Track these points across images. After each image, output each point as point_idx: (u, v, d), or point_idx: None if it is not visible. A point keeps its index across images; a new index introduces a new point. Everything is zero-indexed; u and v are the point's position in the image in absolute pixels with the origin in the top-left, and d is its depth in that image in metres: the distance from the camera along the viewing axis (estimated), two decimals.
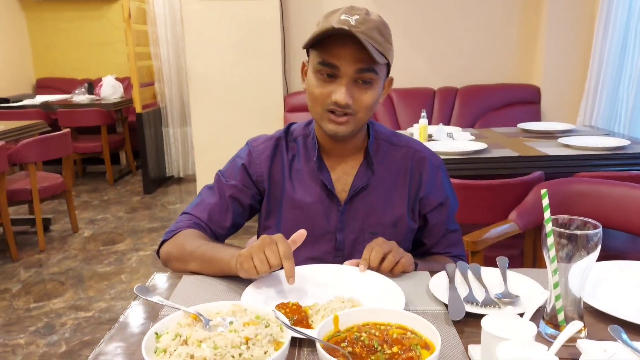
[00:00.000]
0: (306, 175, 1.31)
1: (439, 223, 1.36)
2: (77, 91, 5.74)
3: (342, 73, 1.15)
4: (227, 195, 1.31)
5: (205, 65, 4.19)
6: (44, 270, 3.53)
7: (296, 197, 1.30)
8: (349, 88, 1.16)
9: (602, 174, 2.30)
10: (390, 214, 1.31)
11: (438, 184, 1.34)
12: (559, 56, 4.14)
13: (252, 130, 4.24)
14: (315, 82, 1.19)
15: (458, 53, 4.36)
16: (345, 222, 1.29)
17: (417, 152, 1.34)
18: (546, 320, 0.94)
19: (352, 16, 1.14)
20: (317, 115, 1.23)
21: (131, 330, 0.97)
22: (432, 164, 1.34)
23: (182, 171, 5.67)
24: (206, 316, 0.87)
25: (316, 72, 1.18)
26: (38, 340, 2.70)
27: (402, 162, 1.32)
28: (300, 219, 1.29)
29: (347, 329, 0.87)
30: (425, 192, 1.32)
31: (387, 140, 1.34)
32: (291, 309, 0.95)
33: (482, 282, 1.12)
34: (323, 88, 1.18)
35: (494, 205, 2.24)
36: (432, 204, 1.33)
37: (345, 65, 1.14)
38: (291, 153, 1.33)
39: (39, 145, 3.68)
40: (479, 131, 3.22)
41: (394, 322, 0.88)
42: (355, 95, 1.17)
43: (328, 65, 1.15)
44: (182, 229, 1.28)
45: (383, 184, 1.30)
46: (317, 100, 1.20)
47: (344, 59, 1.14)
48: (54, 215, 4.59)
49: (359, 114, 1.20)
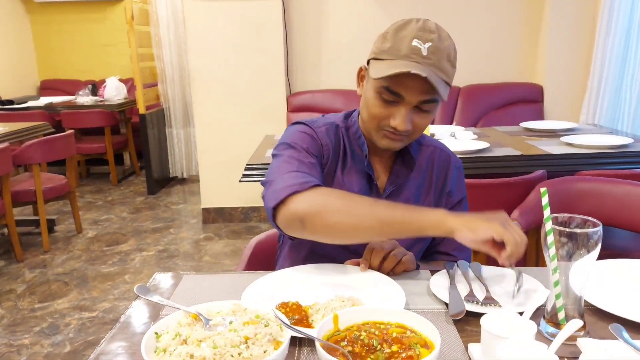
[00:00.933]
0: (353, 166, 1.31)
1: None
2: (81, 92, 5.76)
3: (406, 102, 1.15)
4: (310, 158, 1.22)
5: (207, 66, 4.20)
6: (49, 271, 3.54)
7: (345, 186, 1.28)
8: (410, 115, 1.17)
9: (605, 172, 2.30)
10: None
11: (459, 183, 1.39)
12: (562, 55, 4.13)
13: (255, 130, 4.27)
14: (376, 101, 1.18)
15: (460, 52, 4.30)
16: None
17: (442, 152, 1.39)
18: (546, 318, 0.93)
19: (425, 43, 1.12)
20: (371, 129, 1.23)
21: (132, 329, 0.98)
22: (455, 164, 1.39)
23: (185, 172, 5.68)
24: (206, 316, 0.87)
25: (378, 92, 1.16)
26: (42, 340, 2.71)
27: (430, 161, 1.36)
28: None
29: (346, 328, 0.88)
30: (450, 187, 1.37)
31: (416, 140, 1.35)
32: (291, 309, 0.96)
33: (483, 281, 1.11)
34: (383, 109, 1.18)
35: (496, 204, 2.23)
36: (453, 200, 1.37)
37: (410, 96, 1.14)
38: (341, 142, 1.32)
39: (42, 146, 3.70)
40: (481, 130, 3.21)
41: (393, 321, 0.88)
42: (413, 120, 1.18)
43: (393, 93, 1.15)
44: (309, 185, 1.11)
45: (414, 180, 1.34)
46: (375, 119, 1.19)
47: (410, 90, 1.13)
48: (58, 216, 4.61)
49: (415, 134, 1.22)
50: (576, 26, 4.07)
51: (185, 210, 4.79)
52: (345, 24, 4.27)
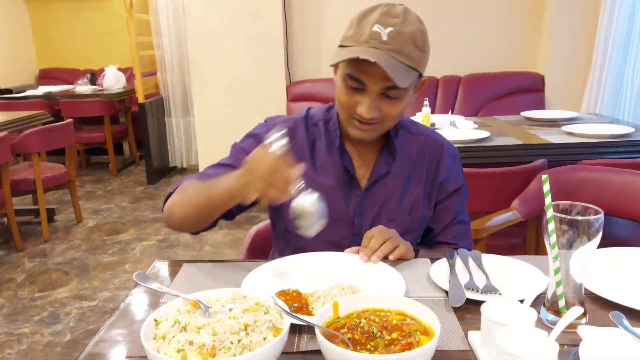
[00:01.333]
0: (328, 160, 1.30)
1: (449, 208, 1.36)
2: (80, 81, 5.74)
3: (369, 89, 1.14)
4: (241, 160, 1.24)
5: (207, 55, 4.18)
6: (49, 260, 3.54)
7: (319, 180, 1.28)
8: (375, 102, 1.15)
9: (606, 161, 2.29)
10: (408, 201, 1.31)
11: (455, 172, 1.35)
12: (563, 44, 4.11)
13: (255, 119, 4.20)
14: (343, 89, 1.17)
15: (461, 41, 4.33)
16: (364, 207, 1.30)
17: (435, 141, 1.35)
18: (547, 306, 0.93)
19: (386, 28, 1.10)
20: (343, 118, 1.23)
21: (132, 317, 0.98)
22: (449, 152, 1.35)
23: (185, 161, 5.67)
24: (205, 303, 0.87)
25: (344, 80, 1.16)
26: (43, 329, 2.72)
27: (421, 150, 1.33)
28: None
29: (346, 315, 0.87)
30: (443, 177, 1.33)
31: (406, 128, 1.34)
32: (291, 296, 0.95)
33: (483, 269, 1.11)
34: (350, 96, 1.17)
35: (497, 193, 2.23)
36: (448, 190, 1.34)
37: (371, 83, 1.13)
38: (312, 137, 1.32)
39: (42, 135, 3.69)
40: (482, 119, 3.20)
41: (393, 308, 0.88)
42: (382, 107, 1.16)
43: (355, 80, 1.14)
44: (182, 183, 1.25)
45: (402, 171, 1.31)
46: (344, 106, 1.19)
47: (371, 77, 1.12)
48: (58, 205, 4.61)
49: (386, 122, 1.20)
50: (578, 15, 4.04)
51: None
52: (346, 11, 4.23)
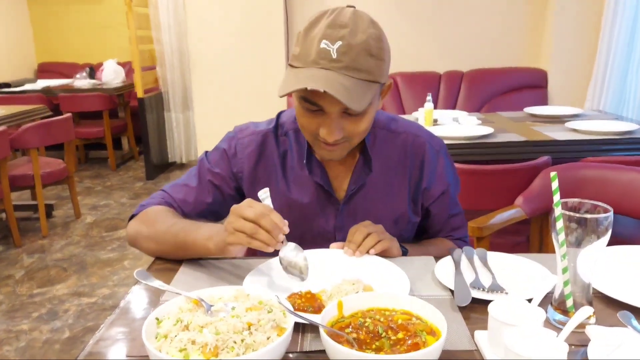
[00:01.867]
0: (301, 174, 1.22)
1: (441, 211, 1.31)
2: (79, 76, 5.71)
3: (327, 111, 1.04)
4: (206, 180, 1.24)
5: (207, 50, 4.16)
6: (47, 257, 3.53)
7: (292, 197, 1.22)
8: (337, 123, 1.05)
9: (611, 158, 2.27)
10: (391, 210, 1.25)
11: (439, 171, 1.26)
12: (567, 39, 4.08)
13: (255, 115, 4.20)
14: (301, 111, 1.08)
15: (464, 36, 4.31)
16: (344, 221, 1.23)
17: (416, 138, 1.25)
18: (554, 306, 0.92)
19: (334, 43, 0.98)
20: (308, 139, 1.15)
21: (132, 315, 0.96)
22: (432, 148, 1.26)
23: (184, 157, 5.64)
24: (208, 301, 0.85)
25: (300, 102, 1.07)
26: (41, 326, 2.70)
27: (402, 150, 1.24)
28: (297, 220, 1.19)
29: (351, 314, 0.86)
30: (427, 183, 1.25)
31: (384, 127, 1.25)
32: (305, 298, 0.93)
33: (489, 267, 1.09)
34: (309, 119, 1.07)
35: (500, 190, 2.21)
36: (434, 194, 1.27)
37: (328, 106, 1.02)
38: (282, 148, 1.24)
39: (40, 130, 3.66)
40: (485, 115, 3.18)
41: (398, 307, 0.87)
42: (345, 126, 1.06)
43: (311, 103, 1.04)
44: (153, 205, 1.21)
45: (382, 177, 1.23)
46: (305, 130, 1.11)
47: (327, 100, 1.01)
48: (57, 201, 4.58)
49: (353, 140, 1.11)
50: (582, 11, 4.02)
51: None
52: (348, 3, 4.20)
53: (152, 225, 1.15)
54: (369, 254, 1.12)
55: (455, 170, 1.33)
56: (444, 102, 4.14)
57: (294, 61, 1.05)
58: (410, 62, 4.23)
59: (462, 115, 3.02)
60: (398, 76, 4.23)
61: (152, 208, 1.20)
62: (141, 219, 1.19)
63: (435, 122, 2.86)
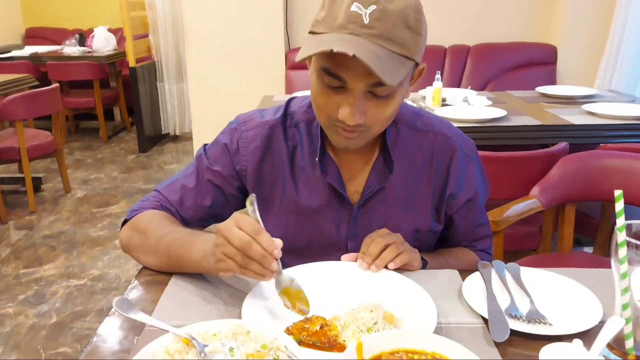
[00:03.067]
0: (312, 175, 1.07)
1: (466, 220, 1.16)
2: (68, 42, 5.47)
3: (351, 87, 0.88)
4: (205, 179, 1.08)
5: (202, 17, 3.93)
6: (35, 234, 3.38)
7: (301, 201, 1.07)
8: (360, 103, 0.90)
9: (631, 146, 2.13)
10: (412, 219, 1.10)
11: (468, 177, 1.11)
12: (579, 14, 3.88)
13: (251, 88, 4.05)
14: (319, 88, 0.92)
15: (471, 8, 4.09)
16: (358, 228, 1.08)
17: (447, 140, 1.09)
18: (610, 345, 0.78)
19: (368, 7, 0.84)
20: (322, 124, 0.99)
21: (110, 346, 0.82)
22: (463, 153, 1.09)
23: (178, 129, 5.46)
24: (201, 340, 0.71)
25: (319, 77, 0.91)
26: (27, 310, 2.58)
27: (428, 152, 1.08)
28: (305, 226, 1.08)
29: (373, 357, 0.72)
30: (453, 190, 1.09)
31: (409, 124, 1.08)
32: (315, 333, 0.79)
33: (523, 286, 0.96)
34: (329, 97, 0.91)
35: (515, 179, 2.07)
36: (460, 202, 1.12)
37: (353, 80, 0.87)
38: (291, 144, 1.08)
39: (26, 101, 3.47)
40: (495, 95, 3.02)
41: (429, 350, 0.73)
42: (368, 109, 0.91)
43: (333, 76, 0.88)
44: (146, 209, 1.07)
45: (403, 181, 1.08)
46: (322, 111, 0.94)
47: (352, 72, 0.86)
48: (46, 174, 4.42)
49: (375, 127, 0.95)
50: None
51: (178, 171, 4.59)
52: None
53: (144, 234, 1.01)
54: (387, 269, 0.98)
55: (485, 176, 1.17)
56: (449, 77, 3.96)
57: (317, 27, 0.90)
58: None
59: (472, 95, 2.85)
60: None
61: (146, 213, 1.05)
62: (133, 226, 1.05)
63: (444, 102, 2.69)
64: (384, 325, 0.83)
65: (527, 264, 1.06)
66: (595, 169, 1.95)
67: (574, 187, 1.94)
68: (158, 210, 1.07)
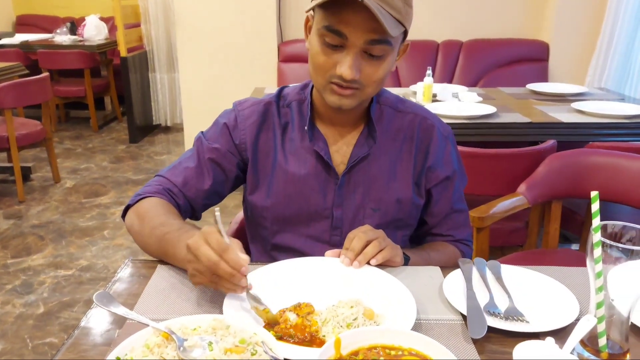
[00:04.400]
0: (301, 146, 1.16)
1: (444, 199, 1.22)
2: (59, 31, 5.42)
3: (350, 43, 0.99)
4: (206, 158, 1.16)
5: (193, 6, 3.91)
6: (23, 223, 3.37)
7: (289, 169, 1.16)
8: (357, 60, 1.00)
9: (619, 145, 2.14)
10: (394, 189, 1.17)
11: (446, 155, 1.20)
12: (571, 11, 3.89)
13: (243, 79, 4.03)
14: (319, 48, 1.02)
15: (464, 3, 4.09)
16: (343, 197, 1.16)
17: (425, 120, 1.20)
18: (584, 342, 0.80)
19: None
20: (319, 85, 1.07)
21: (92, 339, 0.82)
22: (440, 133, 1.20)
23: (169, 119, 5.43)
24: (180, 334, 0.71)
25: (320, 36, 1.01)
26: (15, 299, 2.57)
27: (408, 130, 1.18)
28: (293, 195, 1.16)
29: (350, 353, 0.73)
30: (432, 162, 1.18)
31: (391, 106, 1.20)
32: (295, 327, 0.80)
33: (503, 284, 0.97)
34: (327, 56, 1.02)
35: (503, 175, 2.09)
36: (438, 177, 1.19)
37: (354, 35, 0.98)
38: (284, 120, 1.19)
39: (15, 90, 3.44)
40: (486, 91, 3.03)
41: (405, 345, 0.74)
42: (363, 68, 1.02)
43: (335, 33, 0.98)
44: (149, 194, 1.12)
45: (386, 154, 1.16)
46: (320, 69, 1.04)
47: (353, 27, 0.97)
48: (35, 163, 4.39)
49: (367, 88, 1.05)
50: None
51: (169, 161, 4.58)
52: None
53: (142, 221, 1.06)
54: (369, 264, 0.99)
55: (462, 163, 1.24)
56: (441, 73, 3.97)
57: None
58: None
59: (462, 91, 2.86)
60: None
61: (147, 200, 1.11)
62: (135, 211, 1.10)
63: (434, 98, 2.70)
64: (364, 321, 0.84)
65: (512, 260, 1.08)
66: (581, 167, 1.97)
67: (560, 184, 1.95)
68: (158, 198, 1.11)
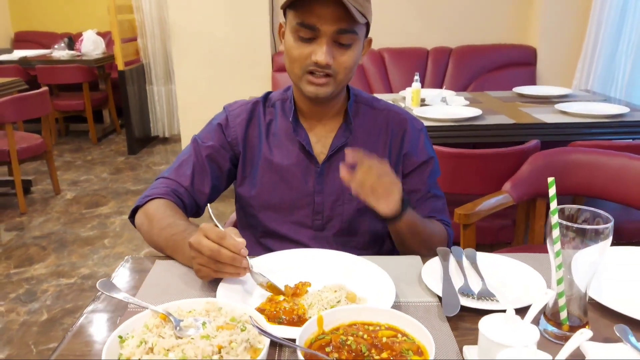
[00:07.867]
0: (284, 138, 1.27)
1: (420, 182, 1.30)
2: (57, 46, 5.51)
3: (322, 33, 1.11)
4: (203, 156, 1.26)
5: (189, 20, 4.00)
6: (25, 234, 3.43)
7: (274, 159, 1.26)
8: (329, 48, 1.12)
9: (600, 143, 2.22)
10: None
11: (421, 145, 1.31)
12: (557, 16, 3.99)
13: (238, 89, 4.11)
14: (294, 43, 1.15)
15: (453, 11, 4.19)
16: (323, 183, 1.26)
17: (397, 114, 1.31)
18: (547, 316, 0.87)
19: None
20: (296, 77, 1.18)
21: (97, 325, 0.89)
22: (413, 126, 1.31)
23: (167, 131, 5.51)
24: (176, 315, 0.79)
25: (294, 32, 1.14)
26: (19, 307, 2.64)
27: (383, 125, 1.30)
28: (277, 183, 1.26)
29: (332, 329, 0.80)
30: (407, 150, 1.29)
31: (367, 104, 1.31)
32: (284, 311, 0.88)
33: (478, 270, 1.04)
34: (302, 49, 1.14)
35: (488, 175, 2.16)
36: (414, 162, 1.29)
37: (325, 25, 1.10)
38: (268, 117, 1.31)
39: (15, 104, 3.52)
40: (473, 95, 3.11)
41: (383, 321, 0.81)
42: (335, 56, 1.13)
43: (307, 27, 1.11)
44: (156, 195, 1.20)
45: (363, 145, 1.26)
46: (296, 62, 1.15)
47: (324, 19, 1.09)
48: (36, 176, 4.46)
49: (339, 75, 1.16)
50: None
51: None
52: None
53: (151, 222, 1.15)
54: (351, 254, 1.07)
55: (435, 154, 1.33)
56: (431, 79, 4.05)
57: None
58: (398, 38, 4.12)
59: (450, 95, 2.94)
60: (385, 51, 4.12)
61: (155, 202, 1.19)
62: (144, 212, 1.19)
63: (423, 102, 2.78)
64: (347, 303, 0.91)
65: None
66: (563, 165, 2.04)
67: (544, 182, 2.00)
68: (165, 199, 1.20)
